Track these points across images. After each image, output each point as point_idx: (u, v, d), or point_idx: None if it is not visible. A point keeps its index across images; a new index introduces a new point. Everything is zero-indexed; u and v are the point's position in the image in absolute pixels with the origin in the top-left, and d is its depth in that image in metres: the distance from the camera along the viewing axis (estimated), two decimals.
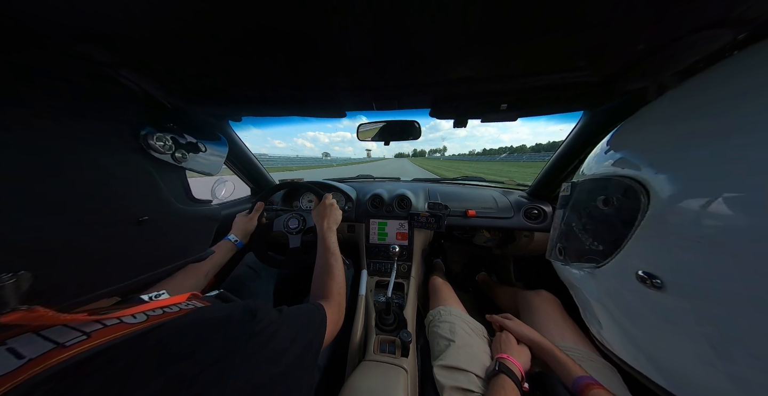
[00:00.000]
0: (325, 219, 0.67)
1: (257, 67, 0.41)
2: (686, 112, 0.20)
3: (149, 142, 0.27)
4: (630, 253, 0.19)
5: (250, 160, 1.05)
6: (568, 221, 0.29)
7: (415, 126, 0.80)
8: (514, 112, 0.64)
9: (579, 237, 0.25)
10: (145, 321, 0.21)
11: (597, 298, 0.23)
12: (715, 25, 0.28)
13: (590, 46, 0.34)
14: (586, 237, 0.24)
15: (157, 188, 0.28)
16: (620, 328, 0.21)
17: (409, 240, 0.99)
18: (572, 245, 0.27)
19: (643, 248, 0.18)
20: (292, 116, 0.71)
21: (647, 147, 0.21)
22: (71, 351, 0.17)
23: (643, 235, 0.18)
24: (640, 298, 0.18)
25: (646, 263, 0.17)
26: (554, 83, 0.47)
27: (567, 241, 0.29)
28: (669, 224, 0.16)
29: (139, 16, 0.26)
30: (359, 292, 0.84)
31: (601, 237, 0.22)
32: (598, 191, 0.24)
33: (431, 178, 1.50)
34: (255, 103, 0.62)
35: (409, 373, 0.59)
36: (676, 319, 0.16)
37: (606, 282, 0.22)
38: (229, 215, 1.03)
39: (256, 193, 1.20)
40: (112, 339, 0.19)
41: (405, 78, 0.47)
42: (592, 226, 0.24)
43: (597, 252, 0.22)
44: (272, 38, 0.32)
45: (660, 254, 0.17)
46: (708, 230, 0.13)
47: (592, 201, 0.24)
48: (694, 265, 0.14)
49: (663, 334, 0.17)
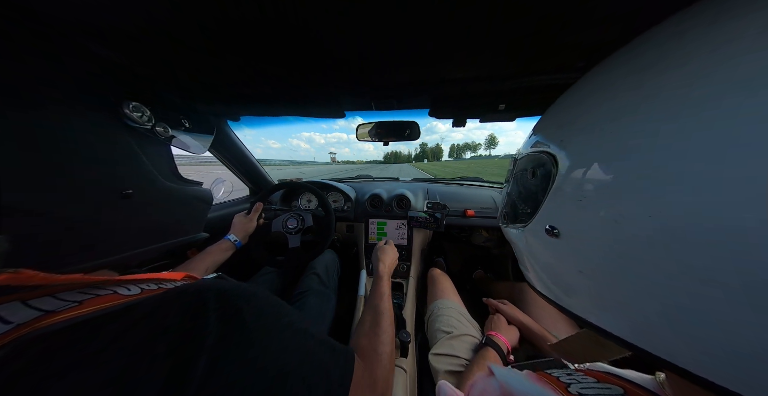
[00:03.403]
0: (388, 260, 0.61)
1: (256, 66, 0.41)
2: (584, 97, 0.24)
3: (125, 112, 0.27)
4: (544, 212, 0.24)
5: (249, 159, 1.04)
6: (510, 191, 0.34)
7: (414, 126, 0.81)
8: (512, 112, 0.64)
9: (516, 203, 0.31)
10: (139, 293, 0.20)
11: (525, 249, 0.29)
12: None
13: (589, 47, 0.35)
14: (520, 203, 0.30)
15: (140, 162, 0.28)
16: (537, 271, 0.27)
17: (408, 240, 0.99)
18: (512, 210, 0.33)
19: (551, 208, 0.24)
20: (291, 116, 0.71)
21: (558, 125, 0.26)
22: (62, 315, 0.16)
23: (552, 197, 0.23)
24: (548, 245, 0.24)
25: (552, 219, 0.23)
26: (553, 84, 0.48)
27: (509, 207, 0.35)
28: (565, 188, 0.22)
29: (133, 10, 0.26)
30: (358, 292, 0.84)
31: (529, 202, 0.27)
32: (528, 165, 0.29)
33: (430, 178, 1.50)
34: (253, 102, 0.62)
35: (408, 373, 0.59)
36: (565, 257, 0.22)
37: (529, 236, 0.27)
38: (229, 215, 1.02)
39: (255, 192, 1.19)
40: (106, 307, 0.18)
41: (404, 78, 0.47)
42: (524, 193, 0.29)
43: (526, 214, 0.28)
44: (272, 37, 0.32)
45: (560, 211, 0.22)
46: (586, 192, 0.19)
47: (525, 173, 0.29)
48: (577, 218, 0.20)
49: (560, 271, 0.23)
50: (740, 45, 0.13)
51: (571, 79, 0.45)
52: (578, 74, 0.45)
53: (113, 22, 0.27)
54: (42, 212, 0.21)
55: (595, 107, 0.21)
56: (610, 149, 0.18)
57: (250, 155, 1.04)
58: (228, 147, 0.94)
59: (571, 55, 0.37)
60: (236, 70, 0.43)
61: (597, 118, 0.20)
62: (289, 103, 0.62)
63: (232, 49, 0.35)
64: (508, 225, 0.34)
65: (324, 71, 0.43)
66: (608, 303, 0.18)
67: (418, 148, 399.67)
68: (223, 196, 0.98)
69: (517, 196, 0.31)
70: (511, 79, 0.46)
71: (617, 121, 0.18)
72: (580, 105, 0.24)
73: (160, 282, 0.24)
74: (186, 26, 0.29)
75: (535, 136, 0.30)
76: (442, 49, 0.35)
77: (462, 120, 0.69)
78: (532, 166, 0.27)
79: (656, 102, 0.16)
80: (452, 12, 0.26)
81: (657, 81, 0.16)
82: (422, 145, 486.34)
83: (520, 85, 0.49)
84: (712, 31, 0.14)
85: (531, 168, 0.27)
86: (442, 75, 0.45)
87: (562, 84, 0.48)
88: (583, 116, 0.22)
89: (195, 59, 0.39)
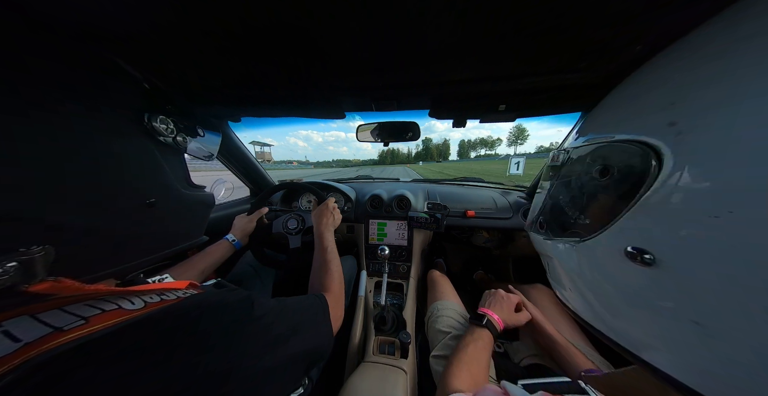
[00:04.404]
0: (323, 218, 0.67)
1: (257, 67, 0.42)
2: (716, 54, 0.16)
3: (153, 125, 0.28)
4: (622, 228, 0.18)
5: (250, 160, 1.04)
6: (555, 193, 0.27)
7: (415, 126, 0.80)
8: (512, 112, 0.64)
9: (565, 210, 0.24)
10: (143, 307, 0.21)
11: (574, 269, 0.23)
12: None
13: (589, 47, 0.35)
14: (573, 210, 0.23)
15: (163, 171, 0.29)
16: (586, 295, 0.22)
17: (409, 240, 0.99)
18: (556, 219, 0.26)
19: (639, 222, 0.17)
20: (291, 117, 0.71)
21: (664, 105, 0.17)
22: (69, 335, 0.17)
23: (643, 209, 0.16)
24: (627, 273, 0.17)
25: (640, 238, 0.16)
26: (553, 84, 0.48)
27: (551, 214, 0.27)
28: (675, 198, 0.15)
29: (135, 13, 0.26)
30: (359, 293, 0.84)
31: (591, 210, 0.21)
32: (596, 160, 0.21)
33: (430, 178, 1.50)
34: (254, 103, 0.62)
35: (408, 374, 0.59)
36: (661, 294, 0.16)
37: (587, 255, 0.21)
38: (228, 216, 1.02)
39: (256, 193, 1.19)
40: (112, 324, 0.19)
41: (404, 78, 0.47)
42: (582, 198, 0.22)
43: (583, 226, 0.21)
44: (272, 39, 0.32)
45: (660, 230, 0.15)
46: (729, 206, 0.12)
47: (587, 171, 0.22)
48: (700, 243, 0.13)
49: (638, 310, 0.17)
50: None
51: (572, 79, 0.45)
52: (579, 74, 0.45)
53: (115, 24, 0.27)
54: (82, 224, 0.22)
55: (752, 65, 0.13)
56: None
57: (250, 156, 1.04)
58: (229, 148, 0.94)
59: (572, 55, 0.37)
60: (238, 72, 0.43)
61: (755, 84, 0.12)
62: (289, 104, 0.62)
63: (235, 52, 0.35)
64: (550, 236, 0.26)
65: (325, 72, 0.44)
66: (708, 363, 0.13)
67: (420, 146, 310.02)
68: (224, 197, 0.98)
69: (568, 201, 0.24)
70: (512, 79, 0.46)
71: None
72: (705, 68, 0.15)
73: (162, 293, 0.24)
74: (190, 29, 0.29)
75: (599, 124, 0.23)
76: (441, 50, 0.35)
77: (462, 120, 0.69)
78: (604, 162, 0.20)
79: None
80: (452, 12, 0.26)
81: None
82: (426, 140, 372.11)
83: (521, 85, 0.48)
84: None
85: (602, 165, 0.20)
86: (442, 76, 0.45)
87: (562, 84, 0.48)
88: (722, 83, 0.14)
89: (198, 61, 0.39)
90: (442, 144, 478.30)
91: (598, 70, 0.42)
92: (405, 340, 0.62)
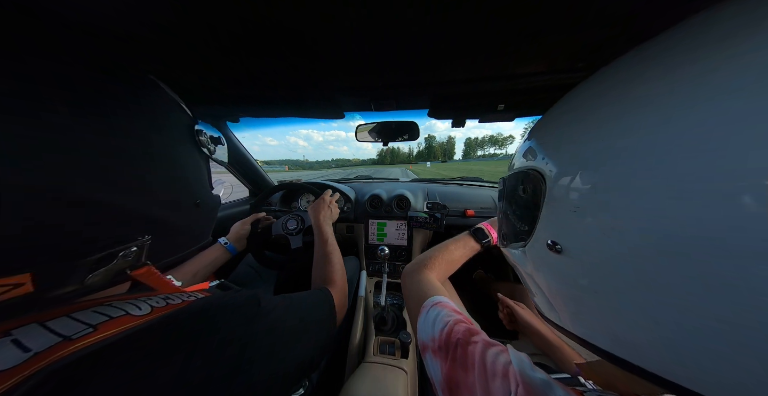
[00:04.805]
0: (321, 212, 0.67)
1: (255, 67, 0.41)
2: (563, 113, 0.25)
3: (200, 138, 0.32)
4: (541, 228, 0.23)
5: (248, 161, 1.04)
6: (504, 210, 0.33)
7: (414, 126, 0.81)
8: (510, 112, 0.64)
9: (512, 222, 0.30)
10: (150, 312, 0.22)
11: (530, 271, 0.27)
12: None
13: (588, 48, 0.35)
14: (516, 221, 0.29)
15: (202, 176, 0.34)
16: (543, 293, 0.25)
17: (408, 240, 0.99)
18: (509, 230, 0.31)
19: (547, 222, 0.23)
20: (290, 117, 0.71)
21: (542, 142, 0.26)
22: (77, 344, 0.17)
23: (546, 212, 0.22)
24: (552, 263, 0.22)
25: (551, 234, 0.21)
26: (552, 85, 0.48)
27: (505, 227, 0.33)
28: (557, 200, 0.21)
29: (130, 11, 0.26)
30: (359, 293, 0.84)
31: (524, 219, 0.26)
32: (518, 182, 0.28)
33: (430, 178, 1.50)
34: (253, 103, 0.62)
35: (408, 374, 0.59)
36: (572, 274, 0.20)
37: (531, 256, 0.26)
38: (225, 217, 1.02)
39: (255, 194, 1.19)
40: (120, 331, 0.19)
41: (404, 78, 0.47)
42: (519, 211, 0.28)
43: (524, 232, 0.26)
44: (270, 38, 0.32)
45: (557, 224, 0.21)
46: (577, 201, 0.19)
47: (516, 191, 0.28)
48: (575, 229, 0.19)
49: (568, 291, 0.21)
50: None
51: (572, 79, 0.45)
52: (578, 74, 0.45)
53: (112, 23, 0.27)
54: (167, 219, 0.26)
55: (582, 117, 0.21)
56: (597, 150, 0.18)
57: (249, 156, 1.04)
58: (229, 149, 0.93)
59: (570, 56, 0.37)
60: (237, 71, 0.43)
61: (586, 127, 0.20)
62: (288, 104, 0.62)
63: (233, 51, 0.35)
64: (507, 245, 0.32)
65: (324, 72, 0.43)
66: (621, 325, 0.16)
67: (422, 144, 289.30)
68: (222, 198, 0.98)
69: (512, 214, 0.30)
70: (511, 79, 0.46)
71: (603, 127, 0.18)
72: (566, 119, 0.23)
73: (168, 297, 0.25)
74: (188, 28, 0.29)
75: (521, 152, 0.29)
76: (441, 50, 0.35)
77: (461, 120, 0.69)
78: (521, 184, 0.27)
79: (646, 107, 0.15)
80: (451, 13, 0.26)
81: (644, 88, 0.16)
82: (428, 138, 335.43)
83: (519, 85, 0.49)
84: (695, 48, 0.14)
85: (522, 185, 0.27)
86: (441, 75, 0.45)
87: (561, 84, 0.48)
88: (572, 126, 0.22)
89: (196, 61, 0.39)
90: (447, 142, 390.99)
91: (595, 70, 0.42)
92: (405, 340, 0.62)
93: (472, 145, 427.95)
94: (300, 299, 0.35)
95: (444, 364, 0.26)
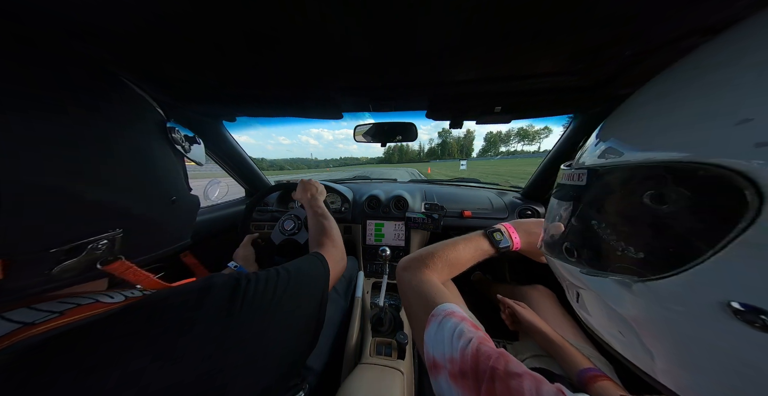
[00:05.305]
0: (308, 192, 0.67)
1: (252, 66, 0.41)
2: None
3: (173, 135, 0.32)
4: (713, 274, 0.13)
5: (245, 161, 1.03)
6: (585, 217, 0.22)
7: (412, 127, 0.81)
8: (507, 114, 0.65)
9: (605, 239, 0.19)
10: (123, 301, 0.22)
11: (628, 312, 0.18)
12: (691, 34, 0.29)
13: (582, 51, 0.35)
14: (615, 241, 0.19)
15: (177, 174, 0.33)
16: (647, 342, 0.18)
17: (406, 241, 0.99)
18: (592, 247, 0.21)
19: (739, 271, 0.13)
20: (288, 117, 0.71)
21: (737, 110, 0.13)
22: (40, 327, 0.16)
23: (744, 252, 0.12)
24: (721, 332, 0.13)
25: (742, 292, 0.12)
26: (547, 87, 0.49)
27: (583, 240, 0.22)
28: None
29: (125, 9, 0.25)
30: (356, 294, 0.83)
31: (647, 244, 0.17)
32: (645, 183, 0.17)
33: (427, 179, 1.50)
34: (249, 103, 0.61)
35: (405, 374, 0.59)
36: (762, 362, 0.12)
37: (654, 300, 0.16)
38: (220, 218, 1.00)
39: (251, 194, 1.18)
40: (87, 316, 0.18)
41: (403, 79, 0.47)
42: (629, 227, 0.18)
43: (637, 261, 0.17)
44: (267, 37, 0.31)
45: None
46: None
47: (632, 196, 0.18)
48: None
49: (724, 368, 0.14)
50: None
51: (569, 82, 0.46)
52: (571, 78, 0.45)
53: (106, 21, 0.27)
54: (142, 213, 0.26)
55: None
56: None
57: (246, 156, 1.03)
58: (224, 149, 0.92)
59: (569, 57, 0.38)
60: (234, 70, 0.42)
61: None
62: (286, 103, 0.61)
63: (230, 49, 0.35)
64: (586, 268, 0.22)
65: (323, 71, 0.43)
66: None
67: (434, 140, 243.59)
68: (218, 198, 0.97)
69: (608, 229, 0.19)
70: (508, 81, 0.46)
71: None
72: None
73: (144, 289, 0.25)
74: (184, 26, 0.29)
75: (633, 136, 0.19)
76: (440, 51, 0.35)
77: (459, 121, 0.70)
78: (657, 187, 0.16)
79: None
80: (453, 14, 0.27)
81: None
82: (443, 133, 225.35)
83: (517, 87, 0.49)
84: None
85: (655, 189, 0.16)
86: (440, 76, 0.45)
87: (557, 87, 0.49)
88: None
89: (192, 59, 0.38)
90: (465, 137, 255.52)
91: (590, 73, 0.43)
92: (402, 341, 0.62)
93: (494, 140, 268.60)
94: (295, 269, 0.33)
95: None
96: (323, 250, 0.43)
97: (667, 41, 0.32)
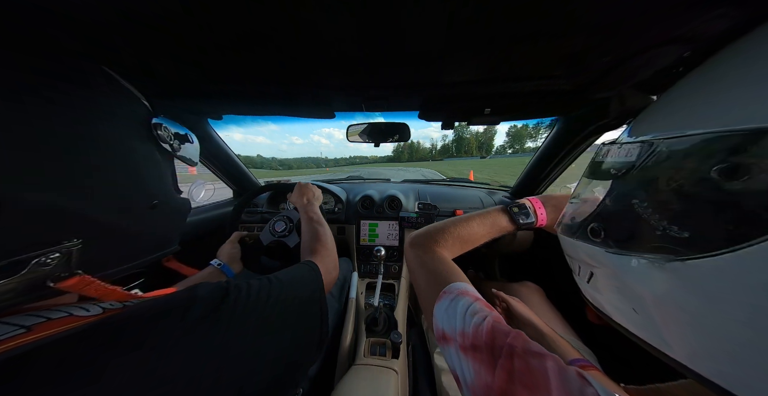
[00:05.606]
0: (304, 197, 0.66)
1: (238, 62, 0.39)
2: None
3: (158, 132, 0.29)
4: None
5: (232, 160, 1.00)
6: (628, 195, 0.20)
7: (405, 128, 0.81)
8: (496, 116, 0.67)
9: (646, 218, 0.18)
10: (100, 313, 0.20)
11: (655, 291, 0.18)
12: (665, 43, 0.31)
13: (567, 56, 0.37)
14: (657, 220, 0.17)
15: (162, 175, 0.30)
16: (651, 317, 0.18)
17: (400, 240, 0.99)
18: (626, 228, 0.20)
19: None
20: (278, 116, 0.69)
21: None
22: (6, 344, 0.15)
23: None
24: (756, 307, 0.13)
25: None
26: (533, 90, 0.50)
27: (617, 221, 0.21)
28: None
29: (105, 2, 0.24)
30: (350, 294, 0.83)
31: (698, 222, 0.16)
32: (716, 156, 0.15)
33: (420, 179, 1.52)
34: (236, 100, 0.59)
35: (399, 373, 0.59)
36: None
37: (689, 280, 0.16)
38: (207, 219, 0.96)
39: (239, 195, 1.14)
40: (57, 332, 0.17)
41: (395, 79, 0.47)
42: (682, 204, 0.17)
43: (679, 240, 0.16)
44: (255, 33, 0.30)
45: None
46: None
47: (698, 170, 0.16)
48: None
49: None
50: None
51: (556, 85, 0.48)
52: (555, 81, 0.47)
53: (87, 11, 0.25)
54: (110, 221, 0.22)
55: None
56: None
57: (233, 156, 0.99)
58: (210, 148, 0.89)
59: (558, 60, 0.39)
60: (219, 64, 0.41)
61: None
62: (275, 101, 0.60)
63: (216, 43, 0.33)
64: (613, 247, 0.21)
65: (314, 68, 0.42)
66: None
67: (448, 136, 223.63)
68: (204, 199, 0.93)
69: (653, 206, 0.18)
70: (497, 83, 0.47)
71: None
72: None
73: (127, 300, 0.23)
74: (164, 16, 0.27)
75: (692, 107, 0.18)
76: (433, 52, 0.36)
77: (450, 122, 0.71)
78: (734, 159, 0.14)
79: None
80: (443, 16, 0.27)
81: None
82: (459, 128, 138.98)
83: (506, 90, 0.50)
84: None
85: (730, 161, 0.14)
86: (432, 77, 0.46)
87: (545, 90, 0.51)
88: None
89: (173, 50, 0.36)
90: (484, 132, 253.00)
91: (572, 77, 0.44)
92: (396, 340, 0.62)
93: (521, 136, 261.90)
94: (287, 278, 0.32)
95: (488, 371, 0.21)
96: (316, 258, 0.42)
97: (642, 49, 0.34)
